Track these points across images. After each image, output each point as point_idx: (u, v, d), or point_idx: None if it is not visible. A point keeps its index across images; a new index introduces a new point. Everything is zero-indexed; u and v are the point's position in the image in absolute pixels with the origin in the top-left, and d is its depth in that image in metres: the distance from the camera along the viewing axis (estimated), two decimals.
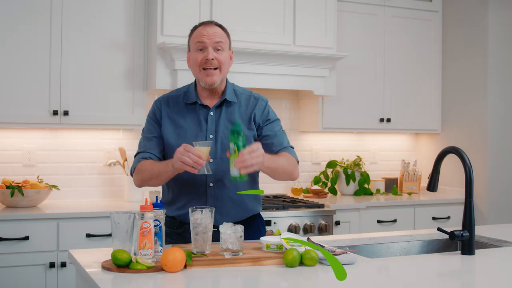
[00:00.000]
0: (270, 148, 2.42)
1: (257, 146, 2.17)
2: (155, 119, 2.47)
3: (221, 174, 2.38)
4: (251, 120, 2.44)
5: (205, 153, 2.16)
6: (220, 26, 2.44)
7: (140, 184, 2.43)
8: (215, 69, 2.37)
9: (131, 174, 2.47)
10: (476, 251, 2.25)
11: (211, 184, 2.39)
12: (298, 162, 2.48)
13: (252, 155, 2.13)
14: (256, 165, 2.15)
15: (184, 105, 2.45)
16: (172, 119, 2.44)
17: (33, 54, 3.57)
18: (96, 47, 3.72)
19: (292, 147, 2.50)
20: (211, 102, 2.44)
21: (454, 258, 2.19)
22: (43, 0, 3.59)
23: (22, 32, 3.55)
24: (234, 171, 2.13)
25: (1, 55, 3.52)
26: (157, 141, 2.44)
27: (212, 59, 2.35)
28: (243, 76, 3.83)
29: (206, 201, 2.39)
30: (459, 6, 4.61)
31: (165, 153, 2.46)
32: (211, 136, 2.39)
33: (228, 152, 2.15)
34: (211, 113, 2.42)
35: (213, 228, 2.12)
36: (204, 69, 2.37)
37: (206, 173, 2.18)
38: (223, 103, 2.44)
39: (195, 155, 2.12)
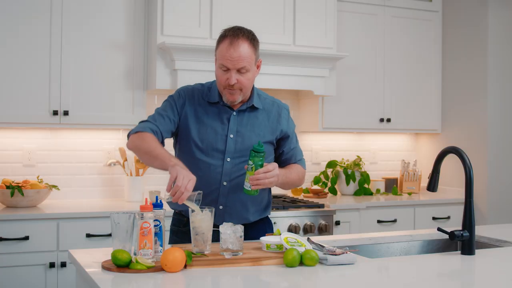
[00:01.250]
0: (288, 161, 2.54)
1: (273, 167, 2.26)
2: (176, 104, 2.42)
3: (237, 174, 2.39)
4: (277, 128, 2.49)
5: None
6: (249, 38, 2.34)
7: (131, 148, 2.35)
8: (238, 89, 2.35)
9: (128, 136, 2.37)
10: (476, 251, 2.25)
11: (224, 183, 2.39)
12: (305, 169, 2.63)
13: (267, 175, 2.23)
14: (268, 184, 2.27)
15: (207, 102, 2.44)
16: (195, 112, 2.42)
17: (33, 54, 3.57)
18: (96, 47, 3.72)
19: (303, 158, 2.62)
20: (235, 105, 2.43)
21: (454, 258, 2.19)
22: (43, 0, 3.59)
23: (22, 32, 3.55)
24: (247, 185, 2.27)
25: (1, 55, 3.51)
26: (168, 121, 2.39)
27: (235, 83, 2.32)
28: None
29: (217, 198, 2.39)
30: (459, 6, 4.61)
31: (183, 145, 2.43)
32: (231, 136, 2.39)
33: (247, 166, 2.25)
34: (234, 113, 2.42)
35: (216, 228, 2.12)
36: (227, 89, 2.35)
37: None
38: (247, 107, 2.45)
39: (186, 189, 2.05)
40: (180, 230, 2.46)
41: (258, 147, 2.24)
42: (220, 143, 2.39)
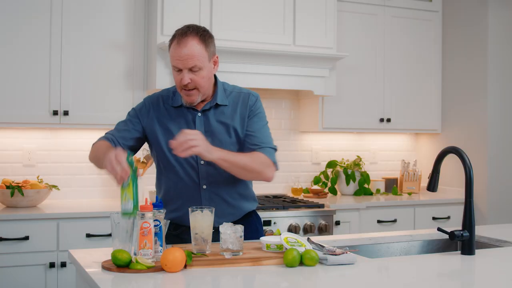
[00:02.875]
0: (247, 145, 2.35)
1: (195, 132, 2.12)
2: (137, 115, 2.41)
3: (214, 176, 2.35)
4: (245, 118, 2.38)
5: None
6: (198, 35, 2.26)
7: (90, 160, 2.40)
8: (193, 89, 2.29)
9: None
10: (476, 251, 2.25)
11: (204, 186, 2.36)
12: (275, 163, 2.35)
13: (188, 137, 2.07)
14: (195, 148, 2.07)
15: (171, 107, 2.39)
16: (160, 121, 2.38)
17: (33, 54, 3.57)
18: (96, 47, 3.72)
19: (273, 148, 2.38)
20: (198, 105, 2.38)
21: (454, 258, 2.19)
22: (43, 0, 3.59)
23: (22, 32, 3.55)
24: (127, 205, 1.97)
25: (1, 55, 3.52)
26: (128, 132, 2.38)
27: (188, 83, 2.26)
28: (243, 76, 3.83)
29: (200, 203, 2.36)
30: (459, 6, 4.61)
31: (153, 149, 2.41)
32: None
33: (121, 186, 1.99)
34: (199, 114, 2.37)
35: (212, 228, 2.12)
36: (183, 90, 2.30)
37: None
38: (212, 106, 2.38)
39: (123, 169, 1.98)
40: (171, 234, 2.39)
41: (129, 162, 1.99)
42: None
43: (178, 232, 2.41)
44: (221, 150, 2.21)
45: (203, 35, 2.28)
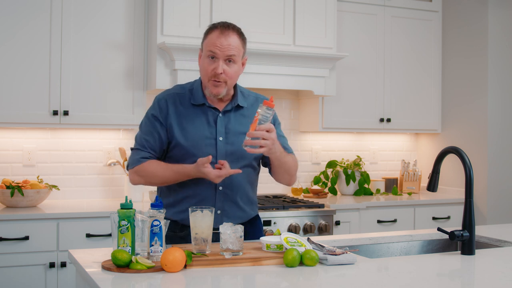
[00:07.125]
0: None
1: (271, 127, 2.19)
2: (159, 118, 2.37)
3: (230, 178, 2.35)
4: None
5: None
6: (238, 32, 2.35)
7: (139, 183, 2.40)
8: (222, 81, 2.31)
9: (127, 169, 2.39)
10: (476, 251, 2.25)
11: (220, 188, 2.37)
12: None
13: (265, 134, 2.16)
14: (262, 148, 2.18)
15: (191, 105, 2.38)
16: (179, 119, 2.36)
17: (33, 54, 3.57)
18: (96, 47, 3.72)
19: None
20: (219, 104, 2.40)
21: (454, 258, 2.19)
22: (43, 0, 3.59)
23: (22, 32, 3.55)
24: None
25: (1, 55, 3.51)
26: (159, 141, 2.36)
27: (221, 73, 2.28)
28: (244, 76, 3.81)
29: (214, 204, 2.36)
30: (459, 6, 4.61)
31: (171, 153, 2.39)
32: (220, 139, 2.35)
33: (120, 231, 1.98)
34: (220, 115, 2.38)
35: (215, 230, 2.12)
36: (212, 80, 2.31)
37: None
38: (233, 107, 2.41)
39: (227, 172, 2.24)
40: (176, 236, 2.38)
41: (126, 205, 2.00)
42: (210, 148, 2.33)
43: (184, 234, 2.37)
44: (281, 151, 2.30)
45: (242, 33, 2.37)
